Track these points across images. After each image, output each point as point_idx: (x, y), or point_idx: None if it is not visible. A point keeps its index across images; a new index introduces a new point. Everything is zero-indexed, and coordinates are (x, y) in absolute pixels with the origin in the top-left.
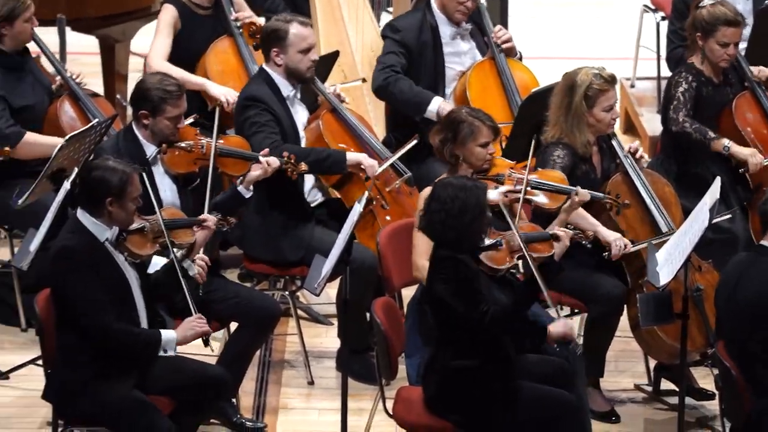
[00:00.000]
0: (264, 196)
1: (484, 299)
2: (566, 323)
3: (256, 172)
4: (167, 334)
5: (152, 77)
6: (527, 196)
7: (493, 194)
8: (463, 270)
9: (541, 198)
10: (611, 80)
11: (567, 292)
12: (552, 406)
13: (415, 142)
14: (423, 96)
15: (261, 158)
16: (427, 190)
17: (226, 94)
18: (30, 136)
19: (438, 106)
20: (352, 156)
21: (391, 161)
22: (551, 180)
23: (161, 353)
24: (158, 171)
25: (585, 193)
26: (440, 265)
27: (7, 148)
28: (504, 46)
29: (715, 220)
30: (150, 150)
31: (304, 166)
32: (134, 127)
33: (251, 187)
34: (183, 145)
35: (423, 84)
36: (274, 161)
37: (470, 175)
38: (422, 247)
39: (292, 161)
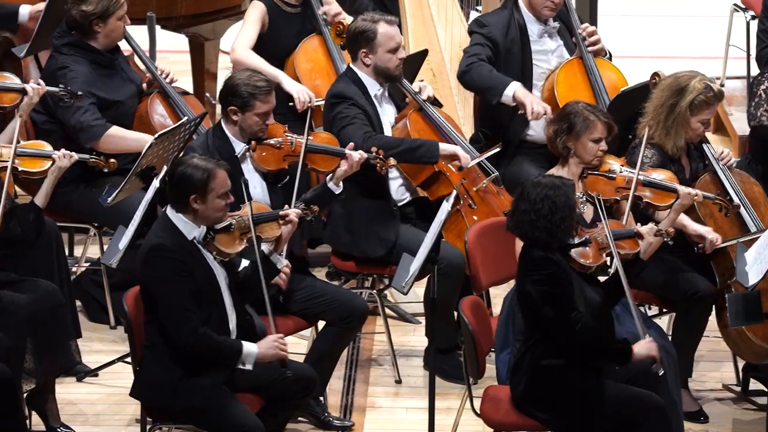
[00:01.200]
0: (351, 194)
1: (574, 306)
2: (650, 345)
3: (344, 167)
4: (248, 348)
5: (241, 73)
6: (638, 193)
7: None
8: (555, 271)
9: (650, 195)
10: (719, 96)
11: (655, 292)
12: (640, 408)
13: (497, 149)
14: (501, 79)
15: (348, 152)
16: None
17: (300, 91)
18: (114, 130)
19: (514, 90)
20: (447, 147)
21: (477, 161)
22: (663, 178)
23: (239, 366)
24: (247, 168)
25: (699, 194)
26: (532, 266)
27: (112, 160)
28: (591, 46)
29: None
30: (239, 147)
31: (392, 161)
32: (223, 124)
33: (341, 183)
34: (272, 142)
35: None
36: (362, 154)
37: (581, 170)
38: None
39: (381, 156)
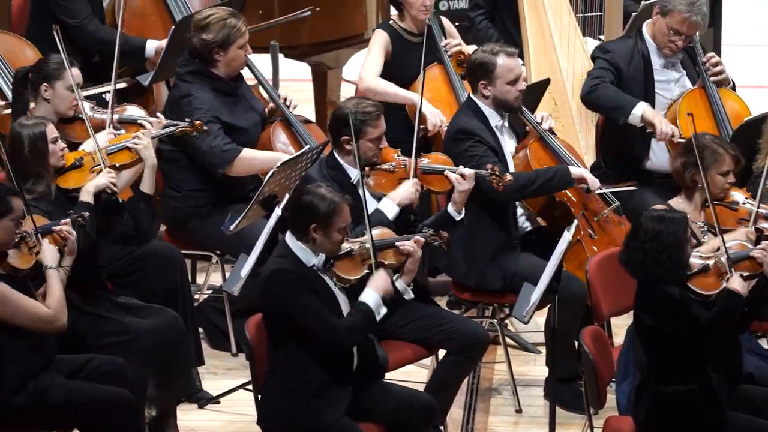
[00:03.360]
0: (472, 223)
1: (693, 318)
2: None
3: (458, 187)
4: (371, 299)
5: (348, 102)
6: (758, 226)
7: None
8: (666, 295)
9: None
10: None
11: None
12: None
13: (632, 188)
14: (628, 100)
15: (459, 169)
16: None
17: (433, 114)
18: (247, 152)
19: (643, 110)
20: (576, 169)
21: (606, 190)
22: None
23: (377, 317)
24: (364, 194)
25: None
26: (645, 298)
27: (198, 122)
28: (714, 76)
29: None
30: (353, 174)
31: (508, 177)
32: (336, 153)
33: (462, 210)
34: (386, 166)
35: None
36: (471, 170)
37: (703, 200)
38: None
39: (497, 173)
